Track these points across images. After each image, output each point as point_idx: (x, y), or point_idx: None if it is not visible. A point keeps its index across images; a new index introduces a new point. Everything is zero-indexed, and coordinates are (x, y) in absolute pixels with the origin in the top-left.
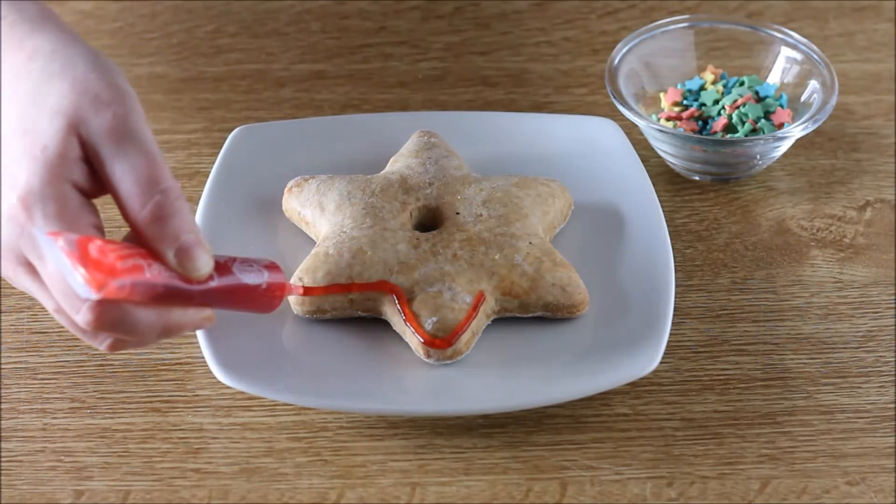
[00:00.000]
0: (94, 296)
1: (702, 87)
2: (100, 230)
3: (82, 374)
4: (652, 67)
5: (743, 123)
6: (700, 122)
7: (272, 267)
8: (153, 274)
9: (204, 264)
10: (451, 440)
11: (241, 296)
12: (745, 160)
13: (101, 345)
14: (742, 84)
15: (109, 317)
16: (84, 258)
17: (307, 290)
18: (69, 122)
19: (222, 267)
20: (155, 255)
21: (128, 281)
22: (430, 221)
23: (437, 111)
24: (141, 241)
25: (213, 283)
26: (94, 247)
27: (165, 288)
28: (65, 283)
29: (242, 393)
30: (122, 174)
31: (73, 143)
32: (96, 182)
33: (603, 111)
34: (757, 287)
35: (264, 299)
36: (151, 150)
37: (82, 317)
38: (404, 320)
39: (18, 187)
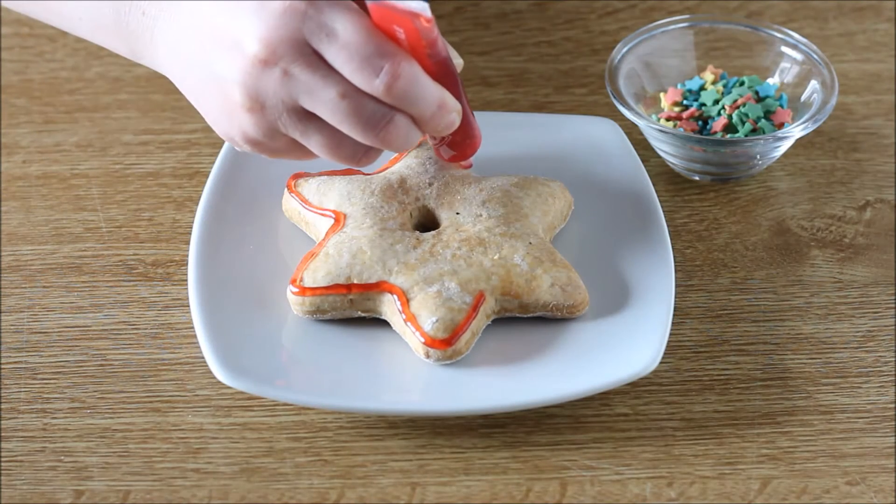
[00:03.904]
0: (429, 14)
1: (702, 87)
2: None
3: (82, 374)
4: (652, 67)
5: (743, 123)
6: (700, 122)
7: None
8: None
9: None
10: (451, 440)
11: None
12: (745, 160)
13: (380, 133)
14: (742, 84)
15: (405, 77)
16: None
17: (306, 291)
18: None
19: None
20: None
21: (434, 33)
22: (429, 221)
23: None
24: None
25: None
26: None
27: (446, 58)
28: (366, 46)
29: (242, 393)
30: None
31: None
32: None
33: (603, 111)
34: (757, 287)
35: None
36: None
37: (381, 79)
38: (404, 320)
39: None
